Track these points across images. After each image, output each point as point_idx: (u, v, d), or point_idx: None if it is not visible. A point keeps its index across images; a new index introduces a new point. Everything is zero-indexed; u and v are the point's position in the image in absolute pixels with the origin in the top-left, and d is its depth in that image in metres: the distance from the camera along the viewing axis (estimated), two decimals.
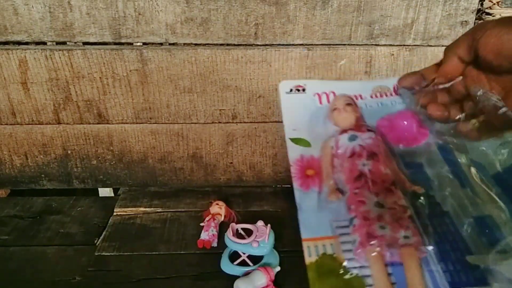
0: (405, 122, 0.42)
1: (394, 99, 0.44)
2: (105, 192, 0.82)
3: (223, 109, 0.69)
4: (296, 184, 0.39)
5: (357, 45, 0.66)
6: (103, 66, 0.65)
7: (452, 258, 0.33)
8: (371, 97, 0.45)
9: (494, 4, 0.81)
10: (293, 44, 0.65)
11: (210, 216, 0.65)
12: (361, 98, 0.45)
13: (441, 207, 0.37)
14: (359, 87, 0.46)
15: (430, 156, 0.41)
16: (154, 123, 0.70)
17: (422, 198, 0.37)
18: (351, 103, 0.43)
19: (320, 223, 0.37)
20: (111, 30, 0.63)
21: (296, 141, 0.42)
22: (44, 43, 0.64)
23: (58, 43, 0.64)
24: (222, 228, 0.64)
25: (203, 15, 0.63)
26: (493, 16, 0.78)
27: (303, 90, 0.45)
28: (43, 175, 0.74)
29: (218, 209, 0.66)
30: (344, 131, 0.41)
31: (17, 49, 0.63)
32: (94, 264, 0.58)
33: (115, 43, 0.64)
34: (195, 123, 0.70)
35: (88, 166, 0.73)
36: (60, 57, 0.64)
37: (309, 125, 0.43)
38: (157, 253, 0.60)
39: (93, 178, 0.74)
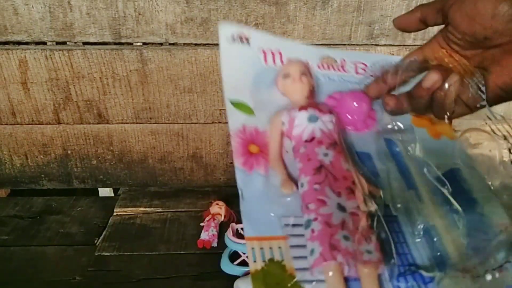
0: (355, 104, 0.37)
1: (342, 75, 0.40)
2: (105, 192, 0.82)
3: (223, 109, 0.69)
4: (237, 163, 0.33)
5: (357, 45, 0.66)
6: (103, 66, 0.65)
7: (402, 273, 0.30)
8: (318, 67, 0.40)
9: None
10: None
11: (210, 216, 0.65)
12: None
13: (390, 211, 0.32)
14: (306, 52, 0.40)
15: (378, 147, 0.36)
16: (154, 123, 0.70)
17: (376, 201, 0.31)
18: (306, 73, 0.37)
19: (267, 218, 0.30)
20: (111, 30, 0.63)
21: (237, 105, 0.36)
22: (44, 43, 0.64)
23: (58, 43, 0.64)
24: (222, 228, 0.64)
25: (203, 15, 0.63)
26: None
27: (247, 41, 0.39)
28: (43, 175, 0.74)
29: (218, 209, 0.66)
30: (303, 107, 0.35)
31: (17, 49, 0.63)
32: (94, 264, 0.58)
33: (115, 43, 0.64)
34: (195, 123, 0.70)
35: (88, 166, 0.73)
36: (60, 57, 0.64)
37: (252, 88, 0.37)
38: (157, 253, 0.60)
39: (93, 178, 0.74)
